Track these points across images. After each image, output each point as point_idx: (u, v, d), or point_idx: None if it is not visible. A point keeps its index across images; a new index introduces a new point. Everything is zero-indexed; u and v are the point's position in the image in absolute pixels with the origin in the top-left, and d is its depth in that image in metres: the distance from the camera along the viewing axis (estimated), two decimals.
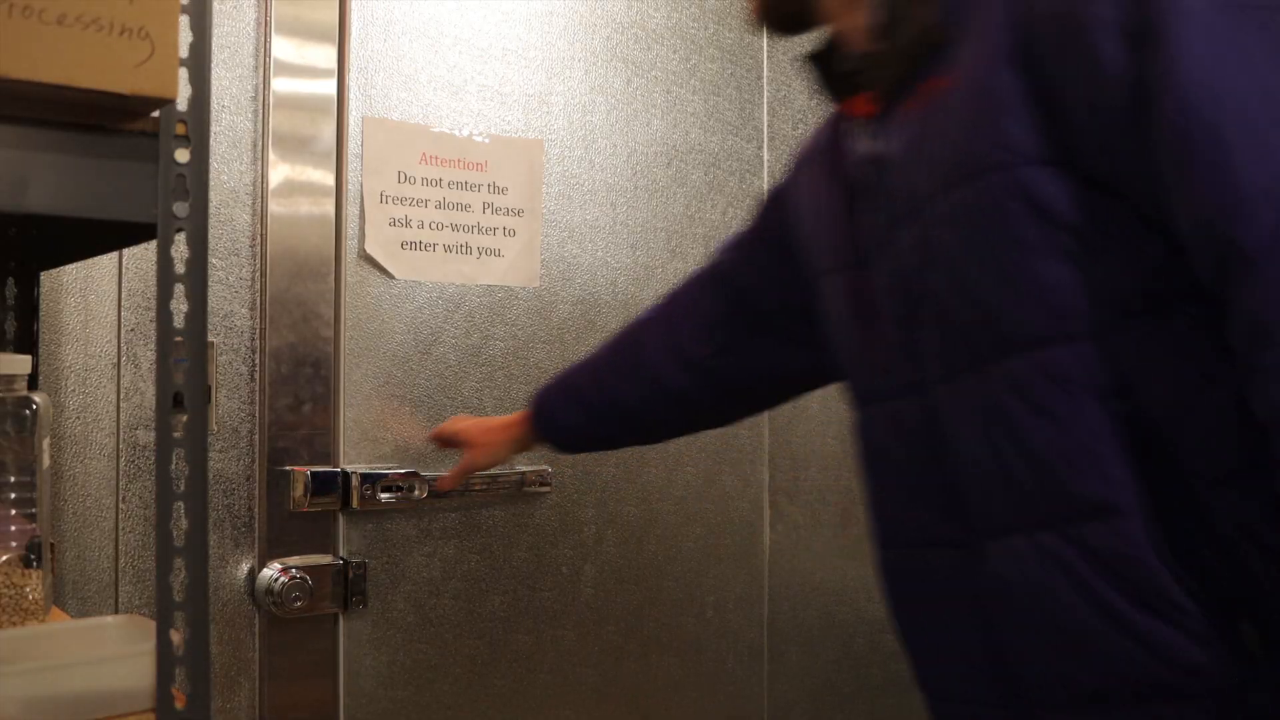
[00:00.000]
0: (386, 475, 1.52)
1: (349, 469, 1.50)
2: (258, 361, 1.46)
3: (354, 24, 1.52)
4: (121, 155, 0.78)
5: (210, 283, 1.41)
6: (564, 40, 1.71)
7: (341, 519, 1.51)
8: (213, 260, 1.43)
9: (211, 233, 1.42)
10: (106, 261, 1.40)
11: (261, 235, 1.46)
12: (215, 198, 1.43)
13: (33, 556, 1.00)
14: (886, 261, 0.90)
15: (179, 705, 0.80)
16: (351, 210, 1.52)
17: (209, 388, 1.43)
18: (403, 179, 1.57)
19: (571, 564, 1.70)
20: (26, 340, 1.23)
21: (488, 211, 1.64)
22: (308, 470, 1.46)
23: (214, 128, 1.44)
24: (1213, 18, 0.68)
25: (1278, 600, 0.71)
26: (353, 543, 1.52)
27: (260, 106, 1.47)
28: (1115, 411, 0.75)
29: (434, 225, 1.59)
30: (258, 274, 1.46)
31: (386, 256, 1.55)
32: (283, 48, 1.47)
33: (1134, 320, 0.75)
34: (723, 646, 1.85)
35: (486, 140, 1.63)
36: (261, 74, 1.47)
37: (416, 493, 1.52)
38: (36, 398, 1.02)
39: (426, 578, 1.58)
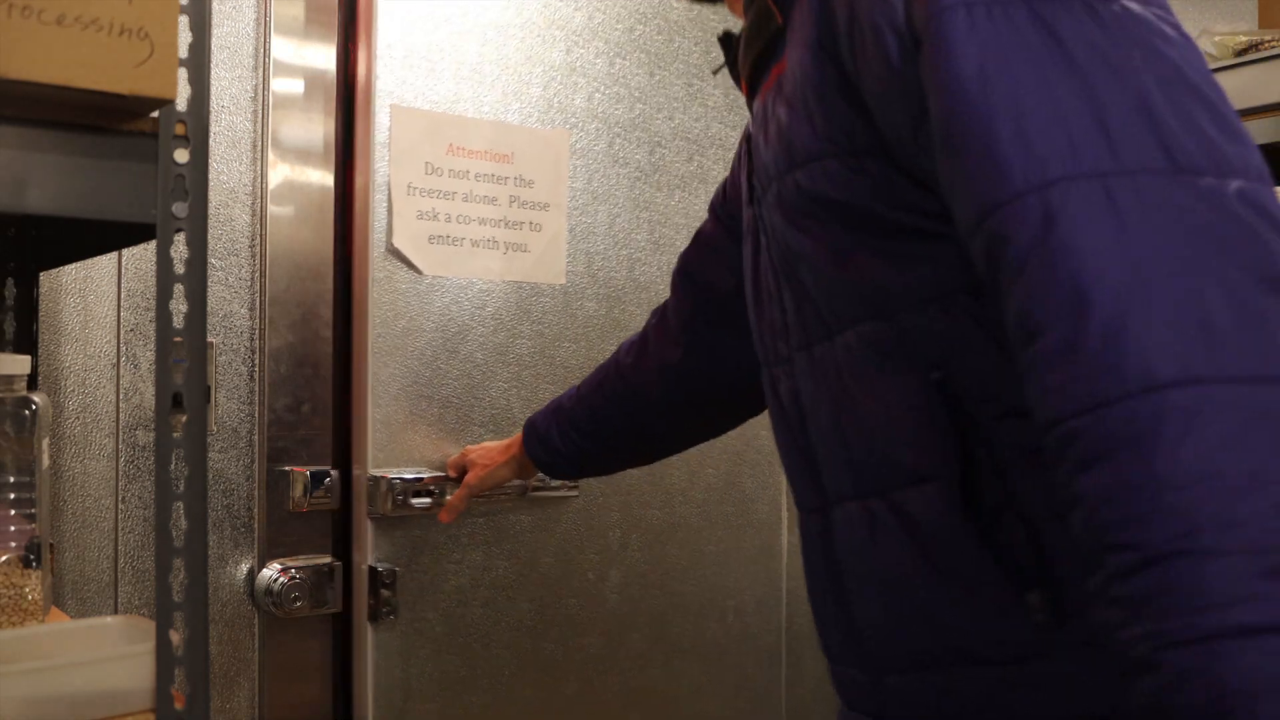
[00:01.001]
0: (417, 480, 1.48)
1: (377, 473, 1.47)
2: (257, 361, 1.46)
3: (379, 13, 1.49)
4: (121, 156, 0.79)
5: (210, 283, 1.41)
6: (587, 31, 1.69)
7: (370, 526, 1.47)
8: (212, 260, 1.43)
9: (211, 233, 1.42)
10: (106, 262, 1.40)
11: (261, 235, 1.46)
12: (215, 198, 1.43)
13: (32, 557, 1.00)
14: (762, 234, 0.93)
15: (178, 706, 0.80)
16: (378, 201, 1.48)
17: (209, 388, 1.43)
18: (430, 170, 1.52)
19: (597, 569, 1.68)
20: (26, 340, 1.23)
21: (514, 205, 1.60)
22: (307, 470, 1.46)
23: (213, 128, 1.44)
24: (987, 13, 0.68)
25: (1069, 572, 0.72)
26: (381, 550, 1.48)
27: (260, 106, 1.47)
28: (933, 383, 0.77)
29: (461, 219, 1.55)
30: (257, 274, 1.46)
31: (414, 251, 1.50)
32: (282, 48, 1.47)
33: (949, 299, 0.76)
34: (742, 651, 1.84)
35: (512, 132, 1.60)
36: (261, 74, 1.47)
37: (448, 498, 1.48)
38: (36, 398, 1.02)
39: (455, 586, 1.54)
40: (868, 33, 0.73)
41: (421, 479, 1.48)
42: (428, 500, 1.48)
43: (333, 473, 1.48)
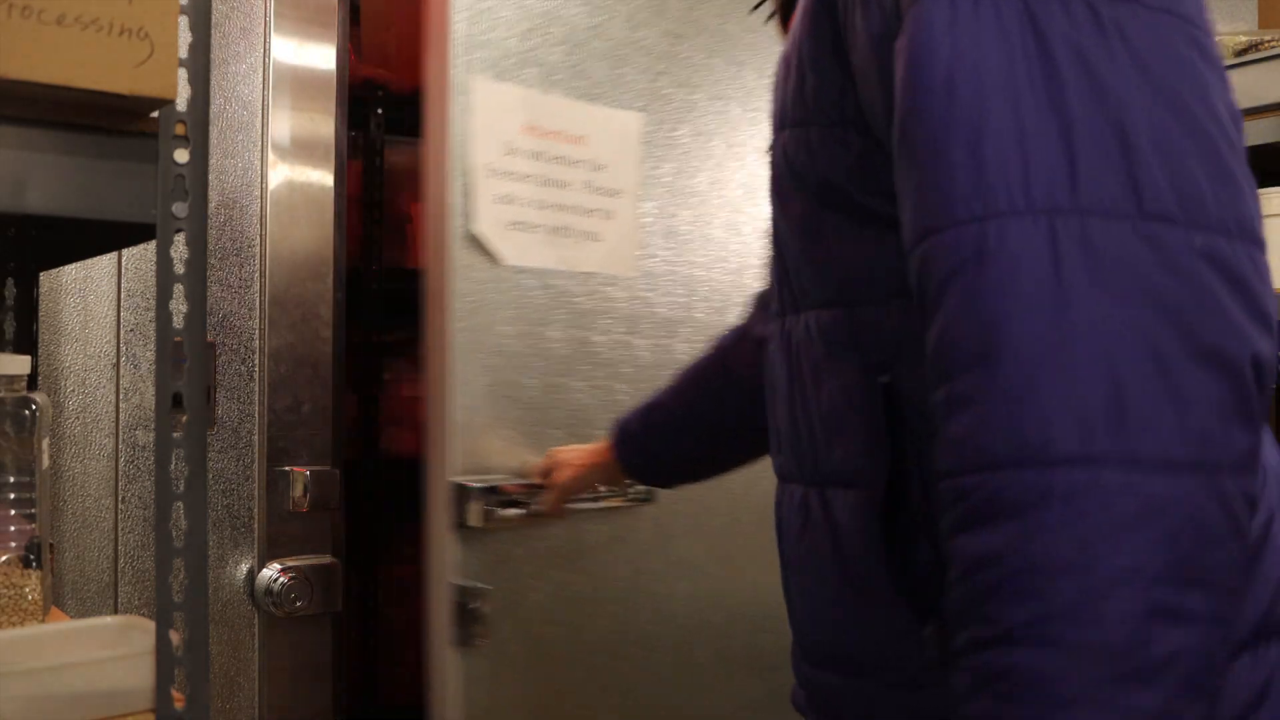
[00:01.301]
0: (505, 489, 1.33)
1: (463, 481, 1.32)
2: (257, 361, 1.46)
3: None
4: (121, 155, 0.79)
5: (210, 283, 1.41)
6: (649, 9, 1.59)
7: (453, 539, 1.33)
8: (212, 260, 1.43)
9: (211, 233, 1.42)
10: (106, 262, 1.40)
11: (261, 235, 1.46)
12: (215, 198, 1.43)
13: (32, 557, 1.00)
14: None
15: (178, 706, 0.80)
16: (455, 184, 1.34)
17: (209, 388, 1.43)
18: (508, 151, 1.38)
19: (667, 582, 1.58)
20: (26, 340, 1.23)
21: (587, 190, 1.47)
22: (307, 470, 1.46)
23: (214, 128, 1.44)
24: (974, 5, 0.59)
25: None
26: (467, 566, 1.33)
27: (260, 106, 1.47)
28: (878, 387, 0.72)
29: (538, 204, 1.42)
30: (258, 274, 1.46)
31: (496, 237, 1.37)
32: (282, 48, 1.47)
33: (909, 298, 0.68)
34: None
35: (587, 112, 1.48)
36: (261, 74, 1.47)
37: (535, 506, 1.34)
38: (36, 398, 1.02)
39: (535, 603, 1.42)
40: (857, 2, 0.68)
41: (505, 487, 1.33)
42: (520, 511, 1.34)
43: (333, 472, 1.48)
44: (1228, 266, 0.55)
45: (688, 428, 1.21)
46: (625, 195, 1.52)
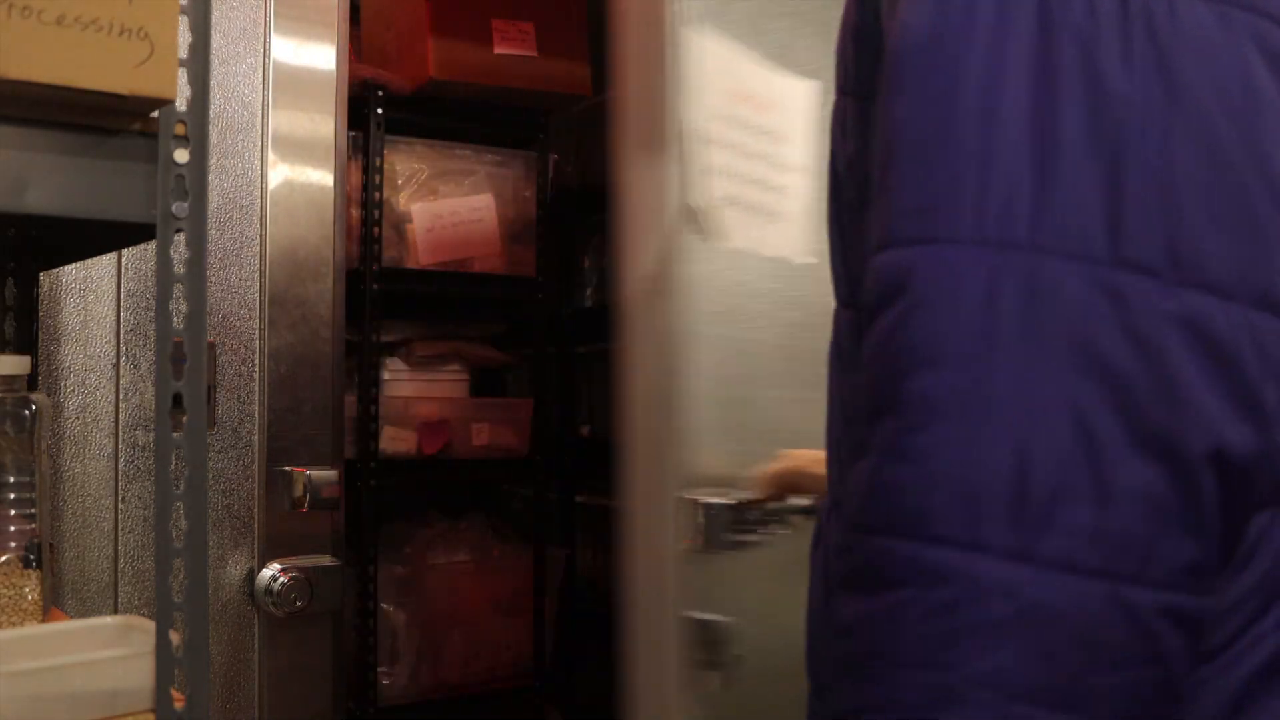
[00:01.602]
0: (739, 504, 1.16)
1: (701, 498, 1.15)
2: (257, 362, 1.46)
3: None
4: (120, 156, 0.79)
5: (210, 283, 1.41)
6: None
7: (685, 564, 1.14)
8: (212, 260, 1.43)
9: (211, 233, 1.42)
10: (106, 262, 1.40)
11: (261, 235, 1.46)
12: (215, 198, 1.43)
13: (32, 557, 1.00)
14: None
15: (178, 706, 0.80)
16: (673, 152, 1.17)
17: (209, 388, 1.43)
18: (718, 117, 1.25)
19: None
20: (26, 340, 1.23)
21: (772, 165, 1.31)
22: (307, 470, 1.46)
23: (213, 127, 1.44)
24: None
25: None
26: (696, 593, 1.13)
27: (261, 106, 1.47)
28: None
29: (742, 179, 1.27)
30: (258, 274, 1.46)
31: (714, 213, 1.22)
32: (282, 48, 1.47)
33: None
34: None
35: (779, 78, 1.32)
36: (261, 74, 1.47)
37: (779, 530, 1.17)
38: (36, 398, 1.02)
39: (754, 633, 1.20)
40: None
41: (743, 503, 1.16)
42: (754, 531, 1.17)
43: (332, 473, 1.48)
44: (1212, 337, 0.46)
45: None
46: (806, 172, 1.33)
